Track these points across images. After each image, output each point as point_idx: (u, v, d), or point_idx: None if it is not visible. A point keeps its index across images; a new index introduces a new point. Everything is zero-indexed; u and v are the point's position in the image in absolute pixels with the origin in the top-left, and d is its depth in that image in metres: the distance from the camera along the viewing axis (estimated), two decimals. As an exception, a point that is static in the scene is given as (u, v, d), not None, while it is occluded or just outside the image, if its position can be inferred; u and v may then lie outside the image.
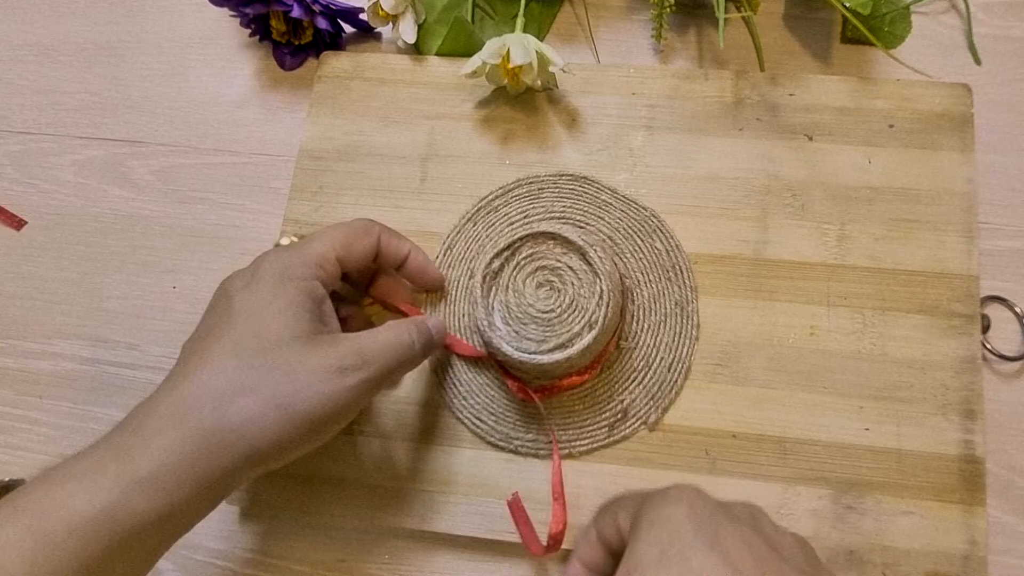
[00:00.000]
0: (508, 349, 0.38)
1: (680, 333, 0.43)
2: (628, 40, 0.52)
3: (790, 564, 0.28)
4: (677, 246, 0.44)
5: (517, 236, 0.40)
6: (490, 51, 0.45)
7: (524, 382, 0.42)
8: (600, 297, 0.38)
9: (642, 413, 0.42)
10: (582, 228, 0.45)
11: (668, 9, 0.47)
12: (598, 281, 0.39)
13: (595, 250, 0.39)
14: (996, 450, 0.41)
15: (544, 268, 0.40)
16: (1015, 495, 0.41)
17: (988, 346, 0.42)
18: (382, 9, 0.49)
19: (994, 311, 0.43)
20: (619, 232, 0.45)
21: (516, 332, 0.39)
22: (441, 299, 0.45)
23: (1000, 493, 0.41)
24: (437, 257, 0.46)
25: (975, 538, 0.38)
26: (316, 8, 0.50)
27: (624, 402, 0.42)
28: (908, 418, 0.40)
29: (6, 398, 0.48)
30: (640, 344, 0.43)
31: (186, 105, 0.54)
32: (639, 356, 0.43)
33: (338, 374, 0.33)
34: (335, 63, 0.51)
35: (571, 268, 0.40)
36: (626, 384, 0.42)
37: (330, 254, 0.37)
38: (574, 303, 0.39)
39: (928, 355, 0.41)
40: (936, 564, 0.38)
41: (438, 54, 0.51)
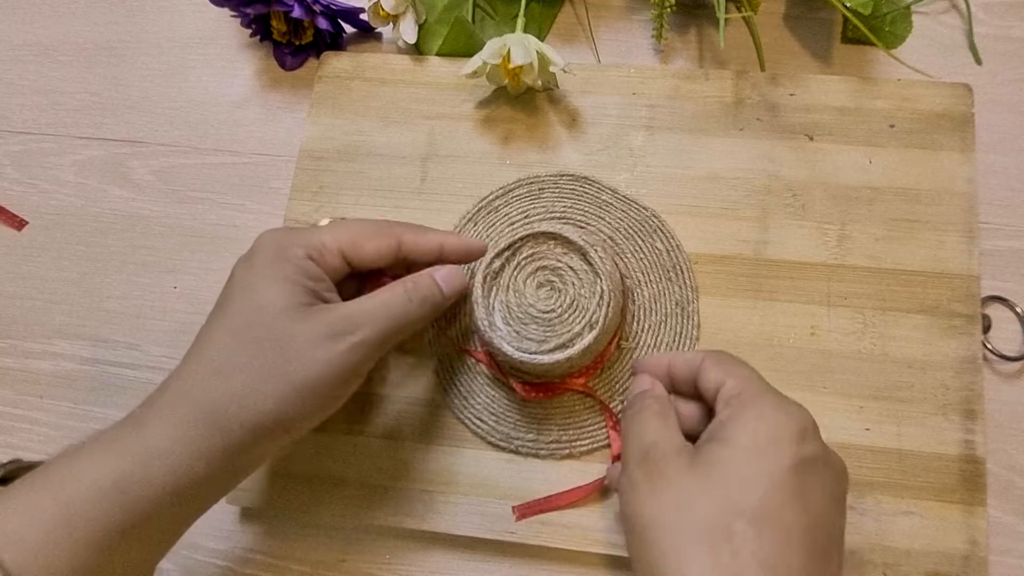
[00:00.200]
0: (509, 349, 0.38)
1: (681, 333, 0.43)
2: (628, 40, 0.52)
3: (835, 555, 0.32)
4: (678, 246, 0.44)
5: (518, 236, 0.40)
6: (490, 51, 0.45)
7: (524, 382, 0.42)
8: (601, 297, 0.38)
9: (642, 413, 0.42)
10: (583, 228, 0.45)
11: (668, 9, 0.47)
12: (599, 281, 0.39)
13: (596, 250, 0.39)
14: (996, 450, 0.41)
15: (545, 268, 0.40)
16: (1015, 495, 0.41)
17: (989, 346, 0.42)
18: (383, 9, 0.49)
19: (995, 311, 0.43)
20: (620, 232, 0.45)
21: (517, 332, 0.39)
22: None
23: (1000, 493, 0.41)
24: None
25: (975, 538, 0.38)
26: (317, 8, 0.49)
27: (625, 402, 0.42)
28: (908, 418, 0.40)
29: (6, 398, 0.49)
30: (641, 344, 0.43)
31: (186, 105, 0.54)
32: (640, 356, 0.43)
33: (329, 340, 0.33)
34: (335, 63, 0.51)
35: (572, 268, 0.40)
36: (627, 384, 0.42)
37: (332, 245, 0.37)
38: (575, 303, 0.39)
39: (928, 355, 0.41)
40: (936, 564, 0.38)
41: (438, 54, 0.51)
